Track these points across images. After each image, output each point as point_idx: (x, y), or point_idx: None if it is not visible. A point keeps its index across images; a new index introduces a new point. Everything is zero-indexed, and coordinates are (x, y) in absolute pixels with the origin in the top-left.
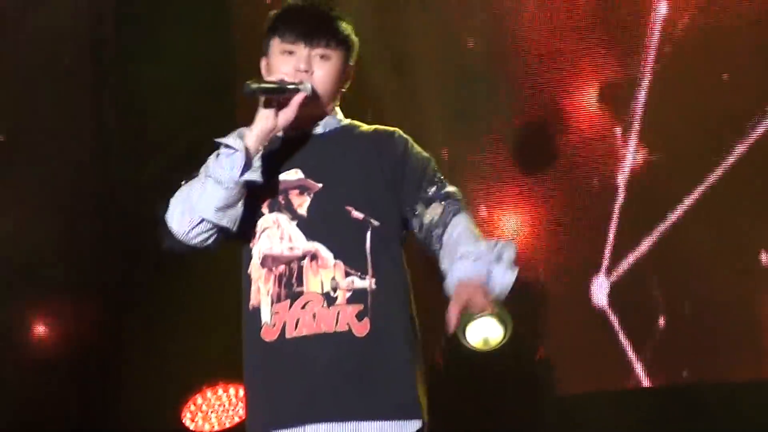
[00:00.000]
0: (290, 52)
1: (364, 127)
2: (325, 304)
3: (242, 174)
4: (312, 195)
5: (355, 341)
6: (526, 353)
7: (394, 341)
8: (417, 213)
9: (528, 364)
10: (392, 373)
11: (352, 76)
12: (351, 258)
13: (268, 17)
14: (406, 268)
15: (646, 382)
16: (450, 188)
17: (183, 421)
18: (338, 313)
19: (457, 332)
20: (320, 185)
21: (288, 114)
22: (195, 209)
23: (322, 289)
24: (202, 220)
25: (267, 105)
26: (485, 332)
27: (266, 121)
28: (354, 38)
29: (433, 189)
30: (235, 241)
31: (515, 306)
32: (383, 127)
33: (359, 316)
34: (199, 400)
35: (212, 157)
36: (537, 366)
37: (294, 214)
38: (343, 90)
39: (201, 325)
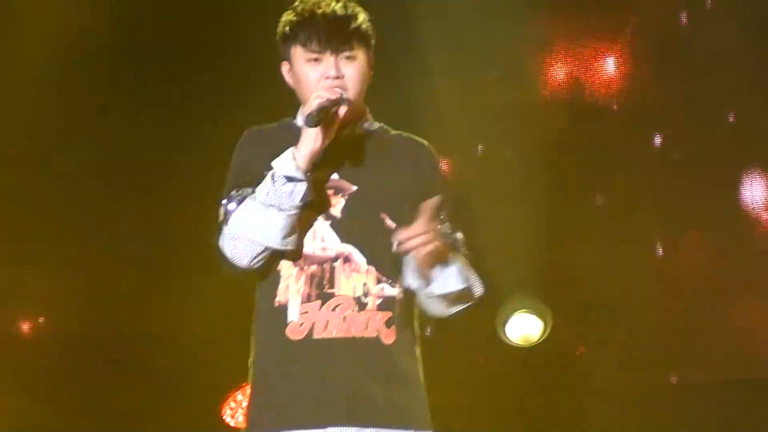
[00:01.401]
0: (316, 59)
1: (393, 131)
2: (356, 309)
3: (303, 199)
4: (347, 196)
5: (382, 348)
6: (566, 349)
7: (413, 352)
8: None
9: (568, 360)
10: (413, 383)
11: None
12: (383, 265)
13: (282, 21)
14: None
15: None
16: (459, 235)
17: (223, 417)
18: (368, 319)
19: (497, 329)
20: (355, 188)
21: (333, 130)
22: (259, 240)
23: (354, 293)
24: (266, 249)
25: (312, 125)
26: (525, 329)
27: (315, 143)
28: (371, 27)
29: (447, 230)
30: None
31: (555, 302)
32: (413, 136)
33: (388, 324)
34: (239, 397)
35: (268, 184)
36: (578, 361)
37: (328, 215)
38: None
39: (242, 321)
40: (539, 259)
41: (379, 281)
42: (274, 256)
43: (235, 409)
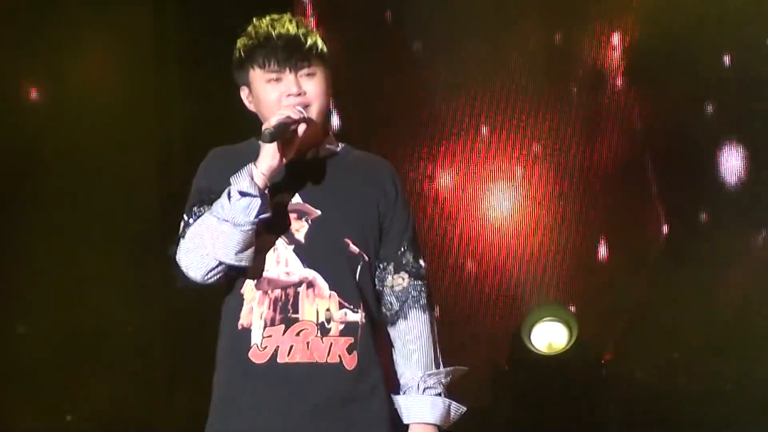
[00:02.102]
0: (276, 79)
1: (357, 152)
2: (319, 334)
3: (265, 214)
4: (310, 221)
5: (344, 374)
6: (592, 356)
7: (375, 376)
8: (385, 268)
9: (594, 367)
10: (374, 407)
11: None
12: (345, 290)
13: (237, 47)
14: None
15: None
16: (422, 264)
17: None
18: (331, 345)
19: (522, 336)
20: (318, 212)
21: (293, 148)
22: (213, 254)
23: (317, 319)
24: (220, 264)
25: (268, 141)
26: (550, 336)
27: (272, 159)
28: (325, 46)
29: (409, 257)
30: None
31: (581, 310)
32: (376, 157)
33: (349, 350)
34: None
35: (224, 200)
36: (603, 368)
37: (291, 239)
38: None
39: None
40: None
41: (341, 306)
42: (235, 275)
43: None
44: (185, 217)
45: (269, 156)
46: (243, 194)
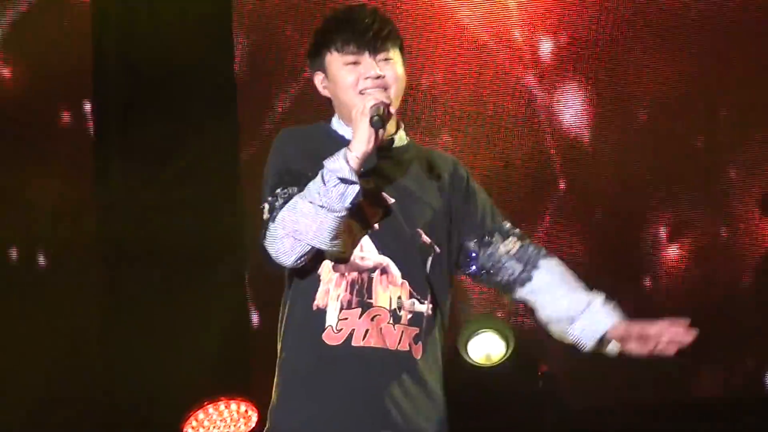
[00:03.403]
0: (355, 63)
1: (422, 146)
2: (391, 321)
3: (354, 201)
4: (385, 209)
5: (413, 362)
6: (528, 368)
7: (437, 367)
8: (490, 241)
9: (531, 379)
10: (437, 397)
11: None
12: (415, 280)
13: (316, 33)
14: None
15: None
16: (512, 225)
17: None
18: (402, 333)
19: (458, 348)
20: (393, 200)
21: (382, 134)
22: (309, 240)
23: (390, 306)
24: (313, 248)
25: (379, 126)
26: (487, 348)
27: (368, 144)
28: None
29: (509, 225)
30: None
31: (518, 321)
32: (444, 152)
33: (416, 339)
34: (201, 416)
35: (319, 184)
36: (540, 381)
37: (366, 224)
38: None
39: (204, 341)
40: None
41: (411, 296)
42: (317, 257)
43: (197, 429)
44: (269, 199)
45: (365, 141)
46: (341, 180)
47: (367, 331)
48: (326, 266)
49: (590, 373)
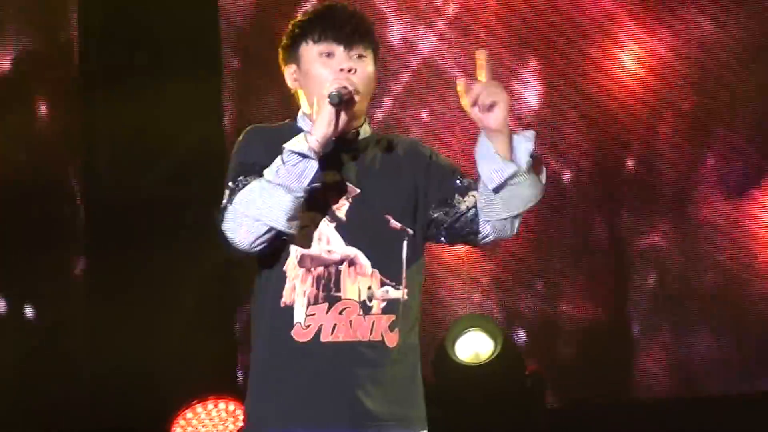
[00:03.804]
0: (328, 54)
1: (388, 135)
2: (361, 312)
3: (312, 181)
4: (351, 199)
5: (387, 352)
6: (516, 366)
7: (415, 353)
8: (452, 203)
9: (518, 378)
10: (414, 385)
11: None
12: (387, 268)
13: (292, 25)
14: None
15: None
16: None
17: None
18: (373, 323)
19: (446, 347)
20: (358, 190)
21: (344, 119)
22: (264, 219)
23: (359, 297)
24: (271, 229)
25: (336, 102)
26: (475, 346)
27: (328, 127)
28: (375, 35)
29: (468, 181)
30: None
31: (505, 320)
32: (404, 136)
33: (391, 327)
34: (189, 415)
35: (278, 164)
36: (527, 379)
37: (333, 217)
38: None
39: (191, 339)
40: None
41: (383, 284)
42: (277, 249)
43: (185, 428)
44: (230, 185)
45: (326, 123)
46: (301, 156)
47: (335, 325)
48: (291, 262)
49: (578, 370)
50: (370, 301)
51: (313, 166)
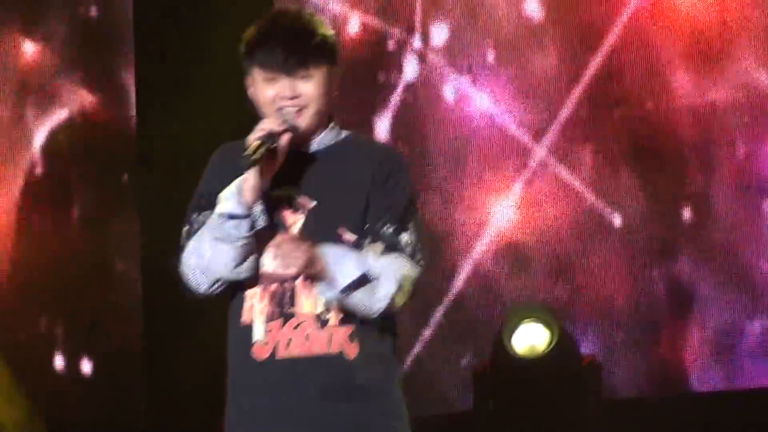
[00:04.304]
0: (272, 79)
1: (362, 139)
2: (318, 326)
3: (259, 227)
4: (306, 213)
5: (346, 364)
6: (573, 358)
7: (381, 362)
8: (362, 242)
9: (575, 370)
10: (380, 395)
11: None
12: None
13: (244, 37)
14: None
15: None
16: (405, 237)
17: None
18: (331, 335)
19: (503, 339)
20: (314, 203)
21: (279, 158)
22: (212, 271)
23: (315, 310)
24: (220, 279)
25: (248, 167)
26: (531, 339)
27: (255, 180)
28: (334, 43)
29: (389, 230)
30: None
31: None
32: (378, 143)
33: (351, 338)
34: None
35: (215, 217)
36: (584, 371)
37: (288, 233)
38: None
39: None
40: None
41: None
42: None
43: None
44: (186, 226)
45: (251, 186)
46: (230, 216)
47: (290, 340)
48: (249, 282)
49: (634, 363)
50: (327, 313)
51: (244, 223)
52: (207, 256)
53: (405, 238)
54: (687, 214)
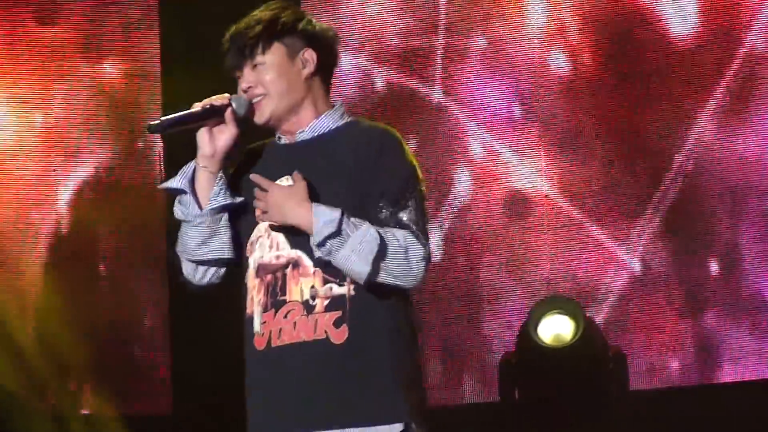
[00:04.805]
0: (238, 78)
1: (362, 124)
2: (305, 312)
3: (211, 206)
4: None
5: (332, 349)
6: (599, 348)
7: (374, 347)
8: None
9: (601, 360)
10: (369, 378)
11: (314, 56)
12: (329, 265)
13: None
14: None
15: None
16: (405, 215)
17: None
18: (316, 321)
19: (528, 329)
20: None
21: (229, 131)
22: (184, 252)
23: (302, 298)
24: (197, 263)
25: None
26: (557, 329)
27: (203, 147)
28: (275, 21)
29: (387, 213)
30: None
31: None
32: (375, 125)
33: (337, 323)
34: None
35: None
36: (610, 361)
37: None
38: (311, 76)
39: None
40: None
41: (326, 282)
42: (245, 265)
43: None
44: None
45: (199, 145)
46: (170, 190)
47: (281, 329)
48: (250, 274)
49: (660, 354)
50: (313, 300)
51: (186, 197)
52: (180, 241)
53: (404, 218)
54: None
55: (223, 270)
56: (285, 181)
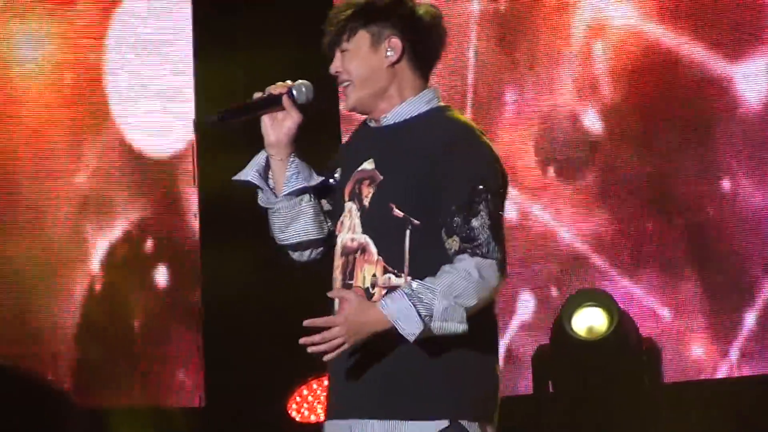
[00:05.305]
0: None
1: (443, 116)
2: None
3: (285, 192)
4: (375, 187)
5: (385, 339)
6: (632, 342)
7: (433, 341)
8: (442, 238)
9: (635, 353)
10: (417, 372)
11: (399, 44)
12: (390, 255)
13: None
14: None
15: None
16: (477, 221)
17: (289, 412)
18: None
19: (562, 321)
20: (381, 177)
21: (291, 119)
22: (275, 238)
23: (364, 284)
24: (287, 246)
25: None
26: (590, 321)
27: (267, 136)
28: (377, 8)
29: (459, 219)
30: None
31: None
32: (454, 118)
33: None
34: (305, 392)
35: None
36: (643, 354)
37: (360, 205)
38: (396, 63)
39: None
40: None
41: (386, 271)
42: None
43: (300, 404)
44: None
45: (264, 134)
46: (241, 182)
47: None
48: (336, 253)
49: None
50: (373, 288)
51: (264, 190)
52: (270, 227)
53: (476, 225)
54: None
55: (320, 249)
56: (367, 164)
